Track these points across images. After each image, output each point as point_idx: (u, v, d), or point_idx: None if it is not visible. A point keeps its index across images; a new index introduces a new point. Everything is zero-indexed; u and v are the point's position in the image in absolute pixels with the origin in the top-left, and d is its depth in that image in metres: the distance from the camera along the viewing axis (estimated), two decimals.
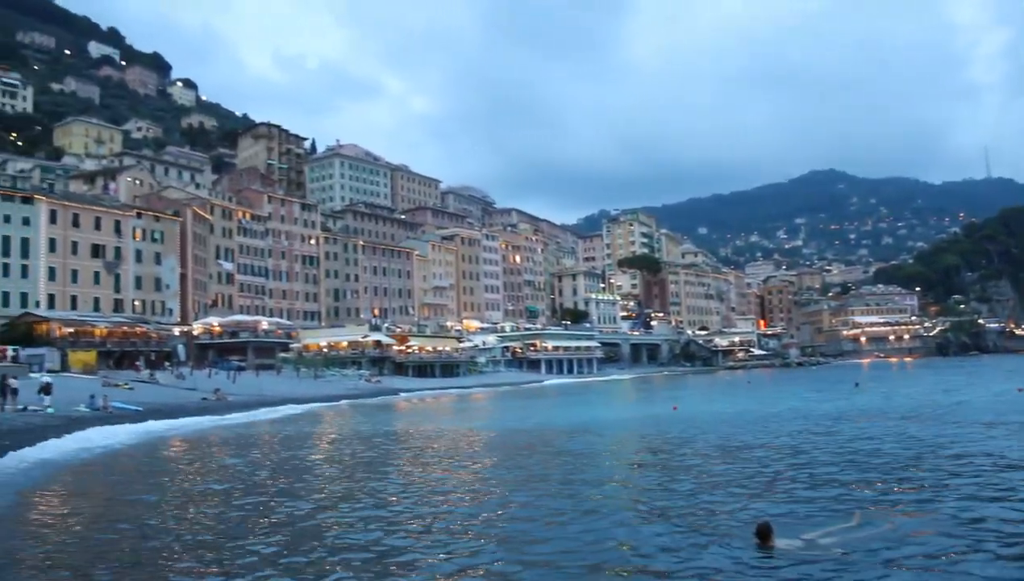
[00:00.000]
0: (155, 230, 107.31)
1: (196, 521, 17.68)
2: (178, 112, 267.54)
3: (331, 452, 32.99)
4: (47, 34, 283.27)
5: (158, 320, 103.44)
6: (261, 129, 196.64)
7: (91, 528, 17.06)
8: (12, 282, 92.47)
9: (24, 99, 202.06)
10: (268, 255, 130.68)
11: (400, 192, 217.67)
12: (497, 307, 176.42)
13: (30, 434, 32.34)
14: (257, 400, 66.17)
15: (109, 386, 60.38)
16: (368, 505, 19.36)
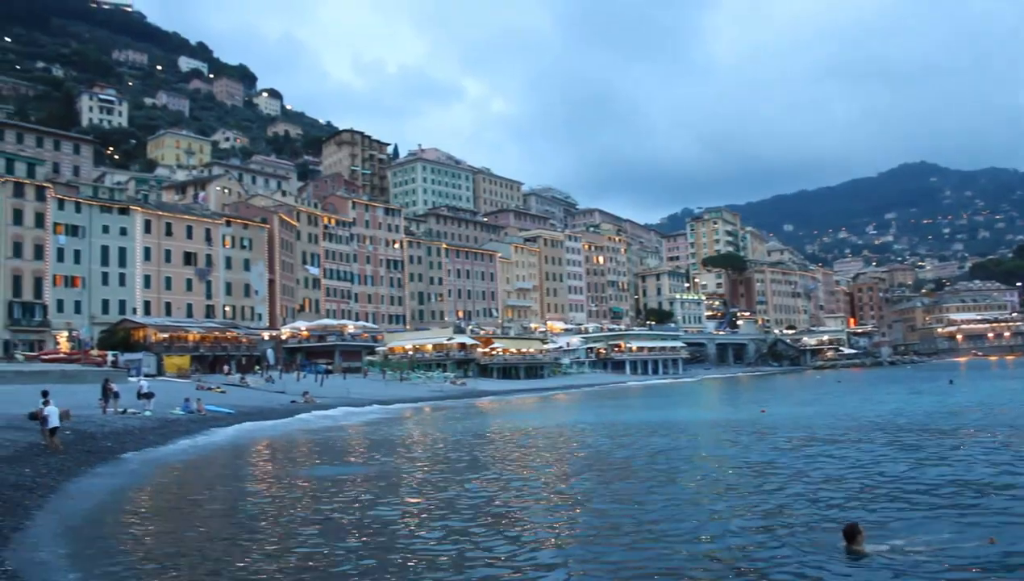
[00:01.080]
0: (244, 237, 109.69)
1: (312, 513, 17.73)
2: (264, 122, 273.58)
3: (423, 452, 33.00)
4: (140, 51, 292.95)
5: (248, 325, 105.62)
6: (344, 136, 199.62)
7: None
8: (111, 290, 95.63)
9: (120, 114, 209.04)
10: (353, 260, 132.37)
11: (482, 195, 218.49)
12: (581, 308, 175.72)
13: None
14: (344, 402, 66.84)
15: (202, 389, 61.74)
16: (464, 506, 19.17)
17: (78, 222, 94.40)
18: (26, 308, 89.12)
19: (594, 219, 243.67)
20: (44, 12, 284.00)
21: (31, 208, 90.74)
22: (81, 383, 59.64)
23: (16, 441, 27.01)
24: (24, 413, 33.86)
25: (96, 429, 33.37)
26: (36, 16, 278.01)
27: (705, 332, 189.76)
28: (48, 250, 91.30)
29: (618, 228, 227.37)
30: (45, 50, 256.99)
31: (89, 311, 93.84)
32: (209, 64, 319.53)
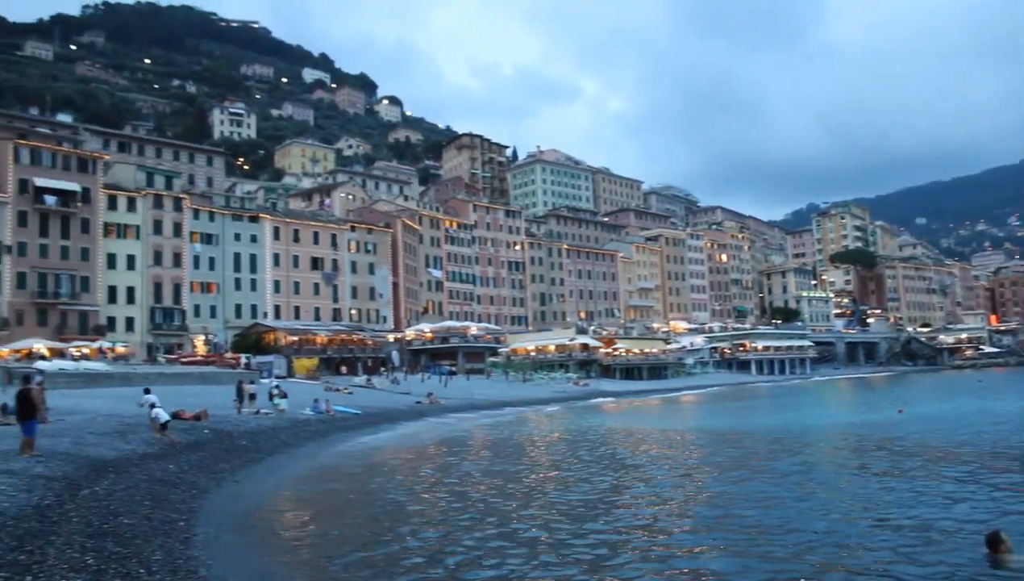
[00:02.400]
0: (368, 242, 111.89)
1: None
2: (385, 128, 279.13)
3: (554, 453, 32.72)
4: (266, 65, 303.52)
5: (373, 327, 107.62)
6: (464, 140, 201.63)
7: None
8: (243, 295, 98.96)
9: (248, 126, 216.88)
10: (475, 262, 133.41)
11: (602, 194, 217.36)
12: (704, 307, 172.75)
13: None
14: (468, 403, 67.16)
15: (330, 391, 62.99)
16: (602, 510, 18.75)
17: (212, 230, 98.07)
18: (166, 313, 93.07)
19: (716, 217, 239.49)
20: (178, 33, 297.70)
21: (169, 218, 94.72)
22: (217, 384, 61.75)
23: (159, 439, 27.91)
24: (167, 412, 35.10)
25: (232, 428, 34.28)
26: (171, 37, 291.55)
27: (833, 331, 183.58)
28: (185, 258, 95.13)
29: (741, 225, 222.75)
30: (180, 69, 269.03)
31: (223, 315, 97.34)
32: (331, 74, 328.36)
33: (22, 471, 17.85)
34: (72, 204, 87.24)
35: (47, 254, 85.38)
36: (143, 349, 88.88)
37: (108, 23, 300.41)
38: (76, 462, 20.59)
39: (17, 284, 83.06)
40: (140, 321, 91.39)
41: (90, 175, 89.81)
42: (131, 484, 19.20)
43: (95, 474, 19.59)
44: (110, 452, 23.39)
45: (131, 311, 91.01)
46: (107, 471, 20.39)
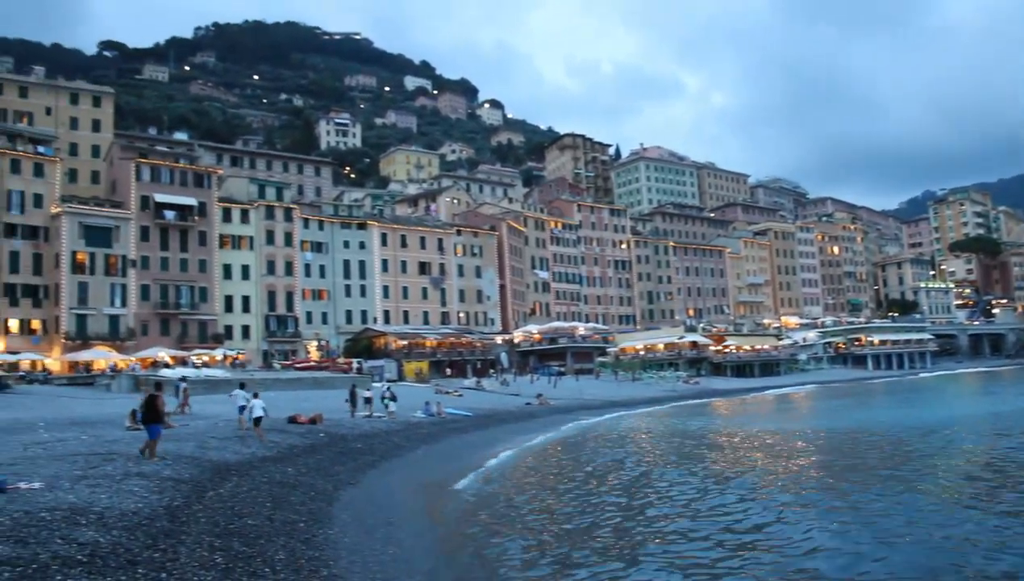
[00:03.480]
0: (474, 245, 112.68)
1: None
2: (487, 132, 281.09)
3: (671, 453, 32.22)
4: (369, 75, 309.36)
5: (481, 330, 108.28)
6: (566, 140, 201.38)
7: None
8: (353, 301, 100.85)
9: (354, 136, 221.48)
10: (581, 262, 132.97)
11: (707, 190, 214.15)
12: (816, 302, 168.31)
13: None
14: (578, 404, 66.86)
15: (441, 393, 63.57)
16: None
17: (322, 239, 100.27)
18: (280, 320, 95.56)
19: (826, 208, 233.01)
20: (284, 49, 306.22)
21: (281, 228, 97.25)
22: (330, 389, 63.04)
23: (279, 443, 28.48)
24: (284, 416, 35.93)
25: (346, 431, 34.77)
26: (278, 53, 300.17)
27: (955, 323, 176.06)
28: (297, 266, 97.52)
29: (853, 216, 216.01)
30: (287, 83, 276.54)
31: (335, 322, 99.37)
32: (432, 81, 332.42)
33: (152, 474, 18.41)
34: (190, 218, 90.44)
35: (168, 267, 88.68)
36: (259, 356, 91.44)
37: (218, 43, 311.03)
38: (201, 465, 21.16)
39: (141, 296, 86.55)
40: (255, 329, 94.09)
41: (206, 189, 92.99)
42: (252, 486, 19.59)
43: (219, 477, 20.07)
44: (232, 456, 23.97)
45: (247, 319, 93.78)
46: (230, 474, 20.87)
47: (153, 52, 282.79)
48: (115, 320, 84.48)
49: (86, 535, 11.85)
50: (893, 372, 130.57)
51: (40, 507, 13.38)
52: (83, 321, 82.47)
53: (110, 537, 11.98)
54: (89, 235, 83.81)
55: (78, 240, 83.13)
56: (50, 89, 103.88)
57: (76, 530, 12.07)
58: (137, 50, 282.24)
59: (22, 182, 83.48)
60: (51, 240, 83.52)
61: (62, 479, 16.77)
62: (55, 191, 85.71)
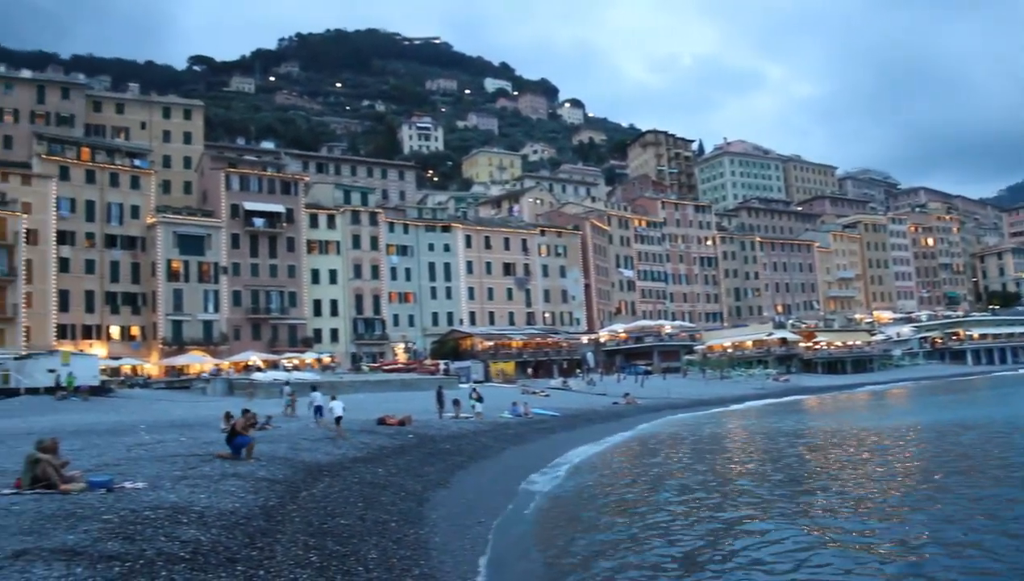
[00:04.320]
0: (558, 245, 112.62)
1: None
2: (569, 131, 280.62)
3: (764, 454, 31.68)
4: (449, 78, 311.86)
5: (567, 330, 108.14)
6: (648, 137, 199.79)
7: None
8: (439, 303, 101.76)
9: (436, 139, 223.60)
10: (666, 260, 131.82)
11: (794, 183, 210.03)
12: (910, 295, 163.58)
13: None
14: (666, 403, 66.23)
15: (527, 393, 63.66)
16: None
17: (407, 242, 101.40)
18: (368, 323, 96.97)
19: (919, 198, 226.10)
20: (366, 56, 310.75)
21: (367, 232, 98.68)
22: (418, 390, 63.73)
23: (368, 444, 28.85)
24: (373, 418, 36.39)
25: (435, 432, 35.01)
26: (360, 60, 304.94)
27: None
28: (383, 269, 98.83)
29: (948, 205, 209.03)
30: (369, 89, 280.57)
31: (421, 324, 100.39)
32: (512, 82, 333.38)
33: (248, 474, 18.82)
34: (278, 224, 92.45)
35: (258, 273, 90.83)
36: (347, 358, 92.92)
37: (302, 53, 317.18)
38: (294, 466, 21.54)
39: (233, 302, 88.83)
40: (344, 332, 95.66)
41: (293, 196, 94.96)
42: (344, 487, 19.86)
43: (311, 477, 20.41)
44: (324, 457, 24.36)
45: (335, 323, 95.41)
46: (322, 474, 21.21)
47: (239, 64, 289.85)
48: (209, 325, 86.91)
49: (188, 533, 12.17)
50: (995, 367, 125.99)
51: (144, 506, 13.79)
52: (179, 327, 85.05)
53: (210, 535, 12.28)
54: (183, 244, 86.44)
55: (173, 249, 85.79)
56: (144, 104, 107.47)
57: (178, 528, 12.40)
58: (224, 63, 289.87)
59: (120, 194, 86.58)
60: (148, 249, 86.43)
61: (163, 479, 17.26)
62: (151, 202, 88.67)
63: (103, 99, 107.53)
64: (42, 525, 12.00)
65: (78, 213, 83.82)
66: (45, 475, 15.50)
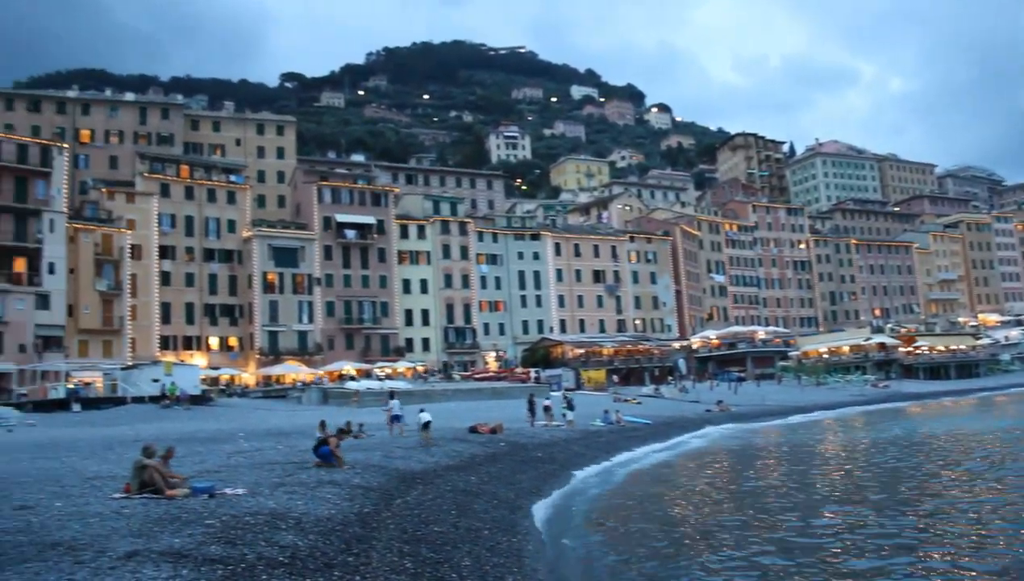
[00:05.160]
0: (648, 251, 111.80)
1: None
2: (656, 136, 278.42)
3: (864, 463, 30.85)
4: (535, 87, 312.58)
5: (658, 337, 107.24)
6: (737, 140, 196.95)
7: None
8: (529, 311, 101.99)
9: (523, 148, 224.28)
10: (759, 264, 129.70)
11: (890, 183, 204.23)
12: (1019, 297, 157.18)
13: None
14: (761, 410, 65.08)
15: (619, 401, 63.29)
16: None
17: (496, 251, 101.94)
18: (458, 332, 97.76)
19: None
20: (452, 67, 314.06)
21: (456, 242, 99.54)
22: (509, 399, 63.94)
23: (460, 452, 29.00)
24: (465, 427, 36.62)
25: (527, 440, 35.00)
26: (446, 72, 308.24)
27: None
28: (473, 279, 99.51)
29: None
30: (456, 100, 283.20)
31: (511, 332, 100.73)
32: (598, 89, 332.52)
33: (343, 482, 19.11)
34: (369, 236, 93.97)
35: (350, 283, 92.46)
36: (439, 367, 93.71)
37: (389, 66, 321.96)
38: (388, 474, 21.79)
39: (327, 312, 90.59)
40: (435, 341, 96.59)
41: (383, 208, 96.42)
42: (437, 494, 19.99)
43: (405, 485, 20.60)
44: (416, 464, 24.58)
45: (426, 332, 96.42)
46: (415, 482, 21.39)
47: (329, 80, 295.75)
48: (303, 336, 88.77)
49: (286, 538, 12.41)
50: None
51: (244, 511, 14.12)
52: (275, 337, 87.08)
53: (308, 541, 12.50)
54: (277, 256, 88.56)
55: (268, 261, 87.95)
56: (238, 122, 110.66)
57: (277, 533, 12.66)
58: (315, 79, 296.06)
59: (217, 209, 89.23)
60: (244, 262, 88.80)
61: (262, 486, 17.65)
62: (246, 216, 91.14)
63: (200, 118, 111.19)
64: (150, 528, 12.40)
65: (178, 228, 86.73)
66: (152, 480, 16.02)
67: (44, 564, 10.01)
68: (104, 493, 16.49)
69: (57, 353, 70.41)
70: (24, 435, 37.55)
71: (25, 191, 73.12)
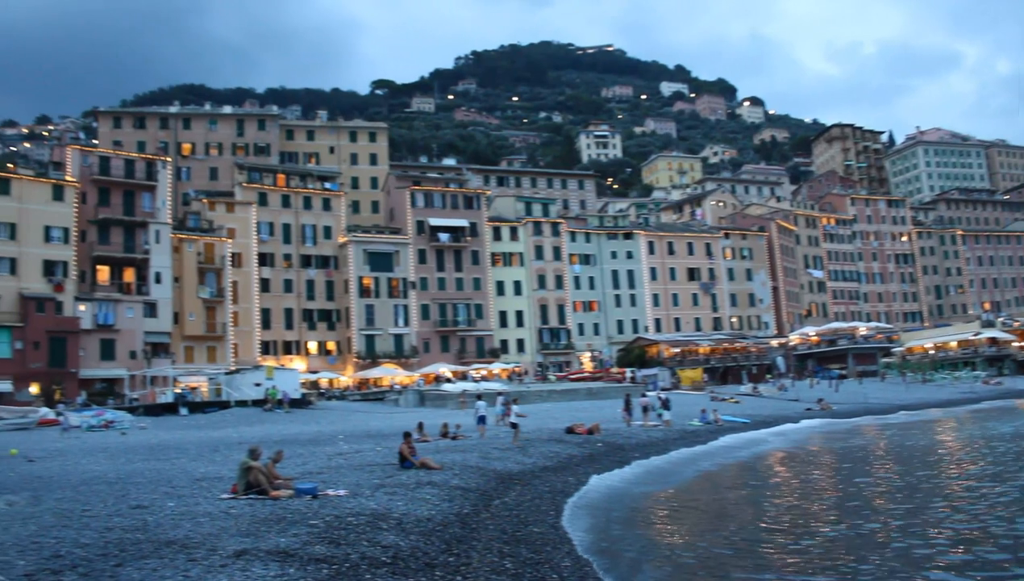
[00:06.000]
0: (743, 248, 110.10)
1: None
2: (749, 130, 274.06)
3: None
4: (625, 85, 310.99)
5: (755, 334, 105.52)
6: (833, 131, 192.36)
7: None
8: (624, 311, 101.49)
9: (614, 147, 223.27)
10: (858, 258, 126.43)
11: (998, 170, 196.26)
12: None
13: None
14: (863, 408, 63.32)
15: (717, 400, 62.40)
16: None
17: (589, 251, 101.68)
18: (553, 333, 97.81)
19: None
20: (540, 68, 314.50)
21: (549, 243, 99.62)
22: (605, 399, 63.63)
23: (558, 453, 28.97)
24: (561, 427, 36.59)
25: (623, 441, 34.78)
26: (535, 73, 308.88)
27: None
28: (566, 279, 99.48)
29: None
30: (545, 101, 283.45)
31: (606, 332, 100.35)
32: (688, 84, 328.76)
33: (442, 483, 19.30)
34: (462, 239, 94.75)
35: (444, 286, 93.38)
36: (533, 368, 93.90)
37: (478, 70, 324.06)
38: (485, 475, 21.91)
39: (422, 315, 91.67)
40: (529, 342, 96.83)
41: (475, 211, 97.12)
42: (535, 495, 20.02)
43: (503, 486, 20.69)
44: (514, 466, 24.64)
45: (521, 333, 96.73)
46: (513, 483, 21.46)
47: (419, 85, 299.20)
48: (399, 339, 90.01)
49: (388, 538, 12.57)
50: None
51: (347, 512, 14.37)
52: (371, 341, 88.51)
53: (409, 541, 12.64)
54: (373, 261, 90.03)
55: (363, 266, 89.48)
56: (332, 130, 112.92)
57: (379, 534, 12.84)
58: (405, 85, 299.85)
59: (314, 217, 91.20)
60: (340, 267, 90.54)
61: (363, 487, 17.94)
62: (342, 222, 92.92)
63: (295, 127, 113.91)
64: (257, 528, 12.72)
65: (276, 236, 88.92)
66: (257, 482, 16.45)
67: (161, 561, 10.41)
68: (212, 494, 17.01)
69: (165, 359, 73.06)
70: (137, 438, 38.96)
71: (133, 204, 76.27)
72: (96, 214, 74.02)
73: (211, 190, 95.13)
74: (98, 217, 74.03)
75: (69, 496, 17.31)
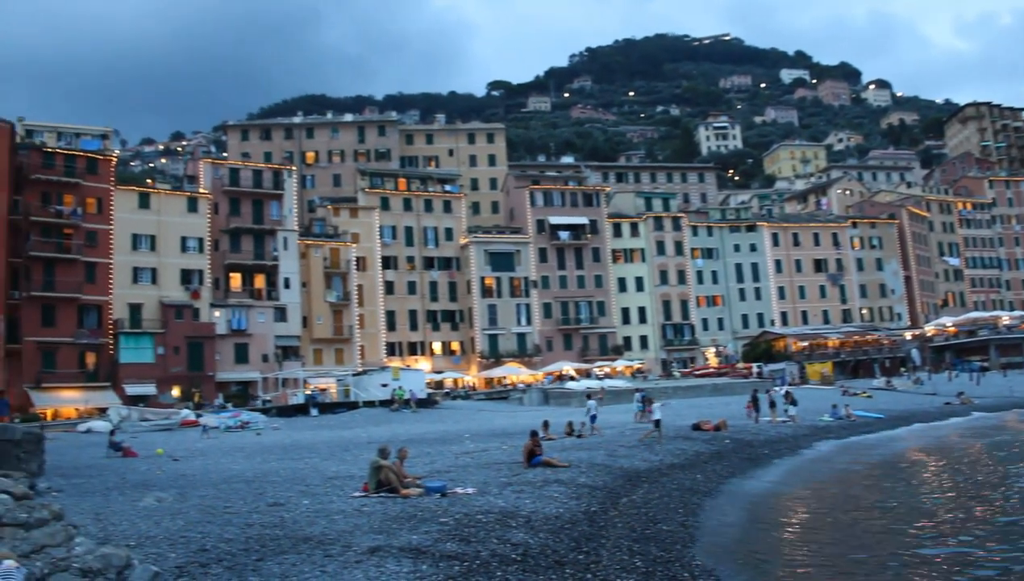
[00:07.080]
0: (872, 237, 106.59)
1: None
2: (875, 115, 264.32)
3: None
4: (743, 74, 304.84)
5: (887, 326, 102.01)
6: (968, 111, 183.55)
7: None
8: (748, 305, 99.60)
9: (734, 138, 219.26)
10: (999, 244, 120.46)
11: None
12: None
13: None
14: (1009, 402, 60.30)
15: (847, 395, 60.59)
16: None
17: (711, 245, 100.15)
18: (676, 329, 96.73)
19: None
20: (656, 61, 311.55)
21: (670, 238, 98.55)
22: (731, 395, 62.63)
23: (685, 450, 28.62)
24: (687, 424, 36.15)
25: (751, 437, 34.13)
26: (650, 67, 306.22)
27: None
28: (689, 274, 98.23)
29: None
30: (661, 95, 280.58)
31: (730, 326, 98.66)
32: (810, 70, 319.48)
33: (569, 480, 19.32)
34: (582, 236, 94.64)
35: (565, 284, 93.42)
36: (657, 365, 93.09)
37: (593, 66, 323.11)
38: (612, 472, 21.81)
39: (544, 314, 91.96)
40: (652, 338, 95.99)
41: (595, 208, 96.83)
42: (664, 493, 19.81)
43: (630, 484, 20.56)
44: (641, 463, 24.46)
45: (643, 330, 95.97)
46: (640, 480, 21.30)
47: (534, 85, 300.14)
48: (522, 338, 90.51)
49: (517, 536, 12.65)
50: None
51: (476, 510, 14.54)
52: (494, 340, 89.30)
53: (538, 539, 12.69)
54: (494, 261, 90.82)
55: (485, 266, 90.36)
56: (450, 133, 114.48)
57: (508, 531, 12.94)
58: (520, 85, 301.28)
59: (435, 219, 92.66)
60: (462, 268, 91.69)
61: (491, 485, 18.12)
62: (462, 224, 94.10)
63: (414, 132, 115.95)
64: (389, 525, 13.01)
65: (399, 239, 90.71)
66: (388, 480, 16.81)
67: (299, 556, 10.79)
68: (345, 492, 17.47)
69: (295, 361, 75.51)
70: (271, 438, 40.40)
71: (261, 213, 79.15)
72: (228, 223, 77.15)
73: (335, 196, 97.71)
74: (229, 226, 77.15)
75: (211, 494, 18.07)
